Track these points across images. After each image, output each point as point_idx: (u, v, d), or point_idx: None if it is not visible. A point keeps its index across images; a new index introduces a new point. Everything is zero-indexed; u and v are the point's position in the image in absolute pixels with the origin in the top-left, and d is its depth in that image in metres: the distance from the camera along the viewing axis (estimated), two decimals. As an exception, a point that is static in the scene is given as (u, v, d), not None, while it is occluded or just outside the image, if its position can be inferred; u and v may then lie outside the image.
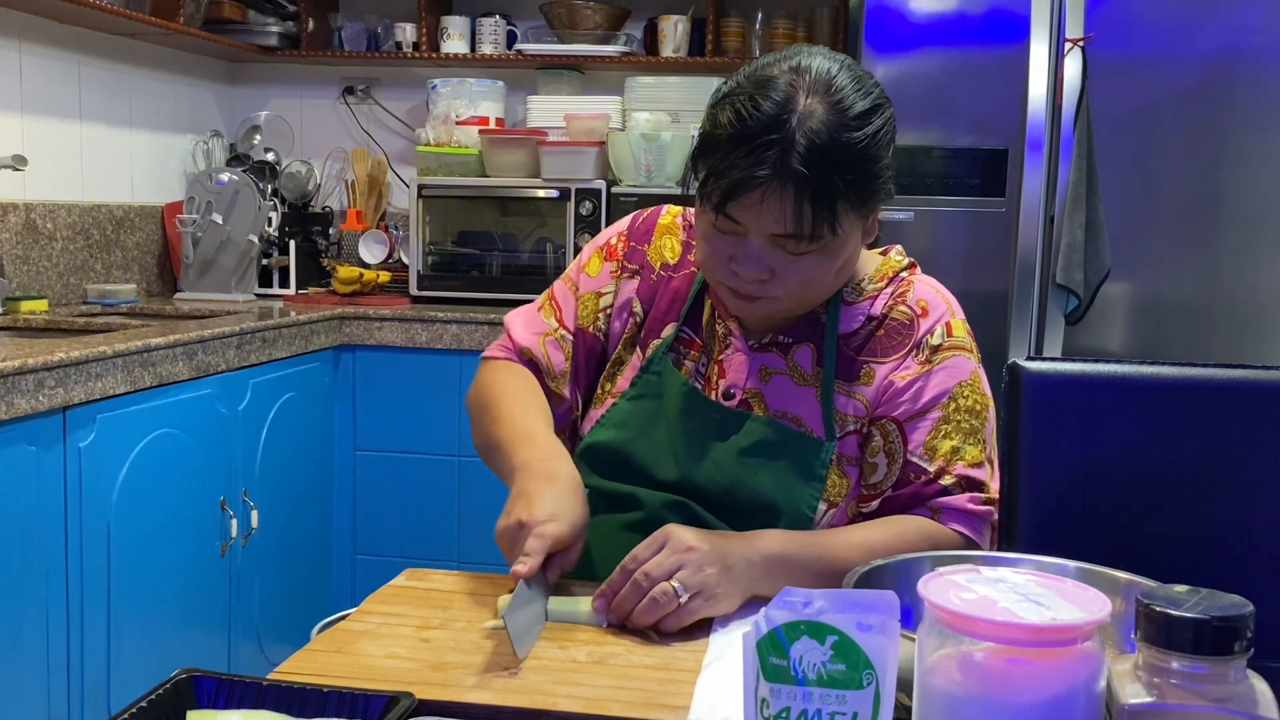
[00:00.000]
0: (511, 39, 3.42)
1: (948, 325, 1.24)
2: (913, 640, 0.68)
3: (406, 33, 3.42)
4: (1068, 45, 2.42)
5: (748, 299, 1.19)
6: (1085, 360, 1.41)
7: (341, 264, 3.25)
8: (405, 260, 3.29)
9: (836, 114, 1.10)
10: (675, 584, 1.02)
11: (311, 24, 3.43)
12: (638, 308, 1.33)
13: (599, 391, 1.34)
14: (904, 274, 1.29)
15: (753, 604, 1.09)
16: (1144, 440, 1.36)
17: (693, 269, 1.33)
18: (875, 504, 1.21)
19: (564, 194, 3.04)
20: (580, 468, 1.31)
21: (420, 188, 3.14)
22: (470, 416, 1.37)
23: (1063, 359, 1.41)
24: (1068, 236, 2.41)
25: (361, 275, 3.14)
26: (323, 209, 3.44)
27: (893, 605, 0.66)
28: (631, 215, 1.40)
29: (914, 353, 1.23)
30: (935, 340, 1.23)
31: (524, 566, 1.03)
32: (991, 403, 1.25)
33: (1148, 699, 0.63)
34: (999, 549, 1.35)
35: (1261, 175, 2.48)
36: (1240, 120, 2.47)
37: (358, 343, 2.93)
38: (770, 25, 3.29)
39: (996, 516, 1.21)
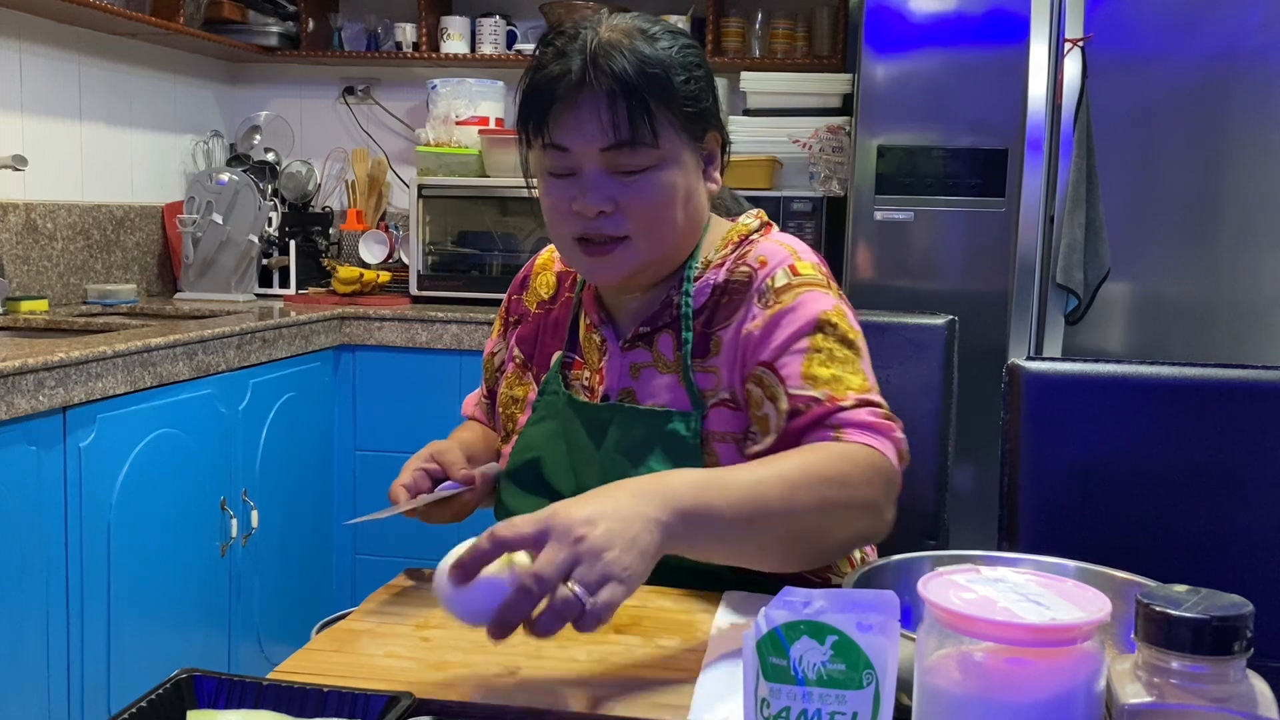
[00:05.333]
0: (511, 39, 3.42)
1: (791, 267, 1.20)
2: (913, 640, 0.68)
3: (406, 33, 3.42)
4: (1068, 45, 2.42)
5: (601, 251, 1.19)
6: (1085, 360, 1.42)
7: (341, 264, 3.25)
8: (405, 260, 3.29)
9: (634, 30, 1.18)
10: (574, 586, 0.84)
11: (311, 24, 3.43)
12: (517, 352, 1.38)
13: (503, 434, 1.38)
14: (755, 235, 1.27)
15: (753, 604, 1.09)
16: (1144, 440, 1.36)
17: (569, 295, 1.36)
18: (769, 441, 1.13)
19: (564, 194, 3.03)
20: (508, 492, 1.32)
21: (420, 188, 3.14)
22: None
23: (1063, 359, 1.41)
24: (1068, 236, 2.41)
25: (361, 275, 3.14)
26: (323, 209, 3.44)
27: (893, 605, 0.66)
28: (518, 273, 1.48)
29: (756, 300, 1.20)
30: (778, 283, 1.19)
31: (406, 479, 1.21)
32: (863, 337, 1.19)
33: (1147, 699, 0.63)
34: (999, 549, 1.35)
35: (1261, 175, 2.48)
36: (1240, 120, 2.47)
37: (358, 343, 2.93)
38: (770, 25, 3.29)
39: (900, 435, 1.12)
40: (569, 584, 0.84)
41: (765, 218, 1.31)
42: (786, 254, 1.22)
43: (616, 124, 1.14)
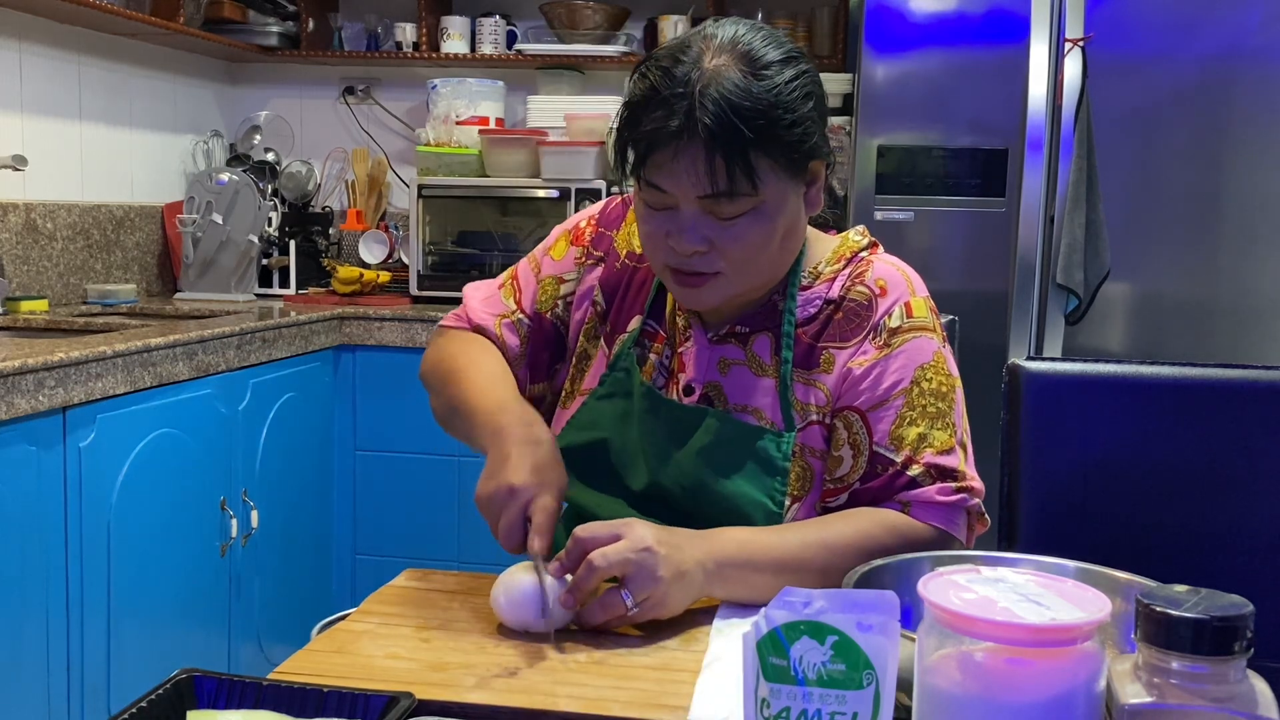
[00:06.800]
0: (511, 39, 3.42)
1: (907, 305, 1.20)
2: (913, 640, 0.68)
3: (406, 33, 3.42)
4: (1068, 45, 2.42)
5: (693, 283, 1.16)
6: (1085, 360, 1.42)
7: (341, 264, 3.25)
8: (405, 260, 3.29)
9: (744, 65, 1.10)
10: (625, 592, 1.01)
11: (311, 24, 3.43)
12: (599, 297, 1.31)
13: (567, 388, 1.32)
14: (864, 254, 1.24)
15: (753, 604, 1.09)
16: (1144, 440, 1.36)
17: None
18: (843, 497, 1.17)
19: (564, 194, 3.03)
20: (573, 488, 1.29)
21: (420, 188, 3.14)
22: (427, 383, 1.36)
23: (1063, 359, 1.41)
24: (1068, 236, 2.41)
25: (361, 275, 3.13)
26: (323, 209, 3.44)
27: (893, 605, 0.66)
28: (606, 199, 1.38)
29: (871, 336, 1.19)
30: (894, 322, 1.18)
31: (541, 543, 1.05)
32: (958, 382, 1.21)
33: (1148, 699, 0.63)
34: (999, 549, 1.35)
35: (1261, 175, 2.48)
36: (1240, 120, 2.47)
37: (358, 343, 2.93)
38: (770, 25, 3.28)
39: (975, 502, 1.15)
40: (622, 589, 1.01)
41: (869, 234, 1.28)
42: (904, 286, 1.21)
43: (714, 176, 1.09)
